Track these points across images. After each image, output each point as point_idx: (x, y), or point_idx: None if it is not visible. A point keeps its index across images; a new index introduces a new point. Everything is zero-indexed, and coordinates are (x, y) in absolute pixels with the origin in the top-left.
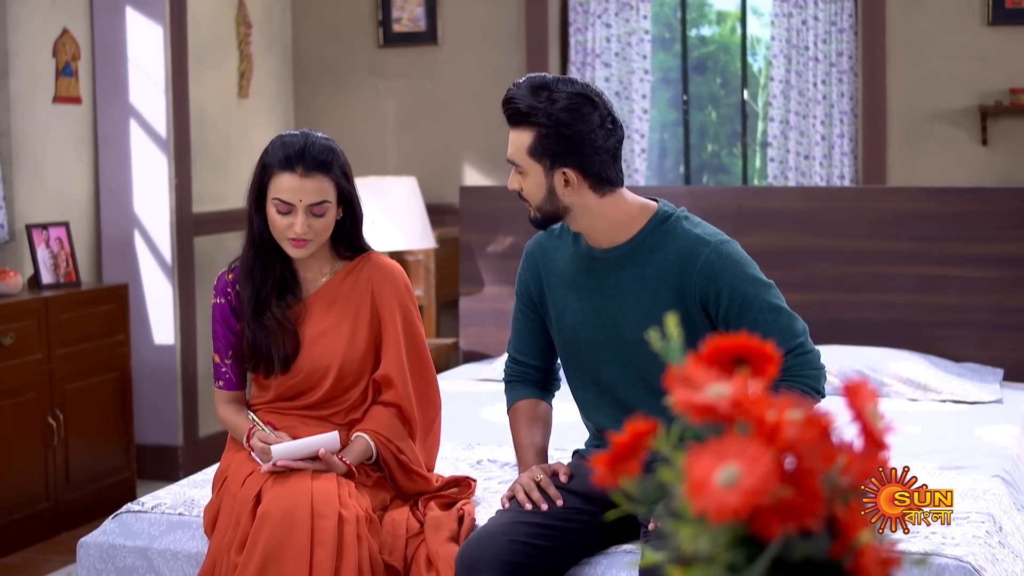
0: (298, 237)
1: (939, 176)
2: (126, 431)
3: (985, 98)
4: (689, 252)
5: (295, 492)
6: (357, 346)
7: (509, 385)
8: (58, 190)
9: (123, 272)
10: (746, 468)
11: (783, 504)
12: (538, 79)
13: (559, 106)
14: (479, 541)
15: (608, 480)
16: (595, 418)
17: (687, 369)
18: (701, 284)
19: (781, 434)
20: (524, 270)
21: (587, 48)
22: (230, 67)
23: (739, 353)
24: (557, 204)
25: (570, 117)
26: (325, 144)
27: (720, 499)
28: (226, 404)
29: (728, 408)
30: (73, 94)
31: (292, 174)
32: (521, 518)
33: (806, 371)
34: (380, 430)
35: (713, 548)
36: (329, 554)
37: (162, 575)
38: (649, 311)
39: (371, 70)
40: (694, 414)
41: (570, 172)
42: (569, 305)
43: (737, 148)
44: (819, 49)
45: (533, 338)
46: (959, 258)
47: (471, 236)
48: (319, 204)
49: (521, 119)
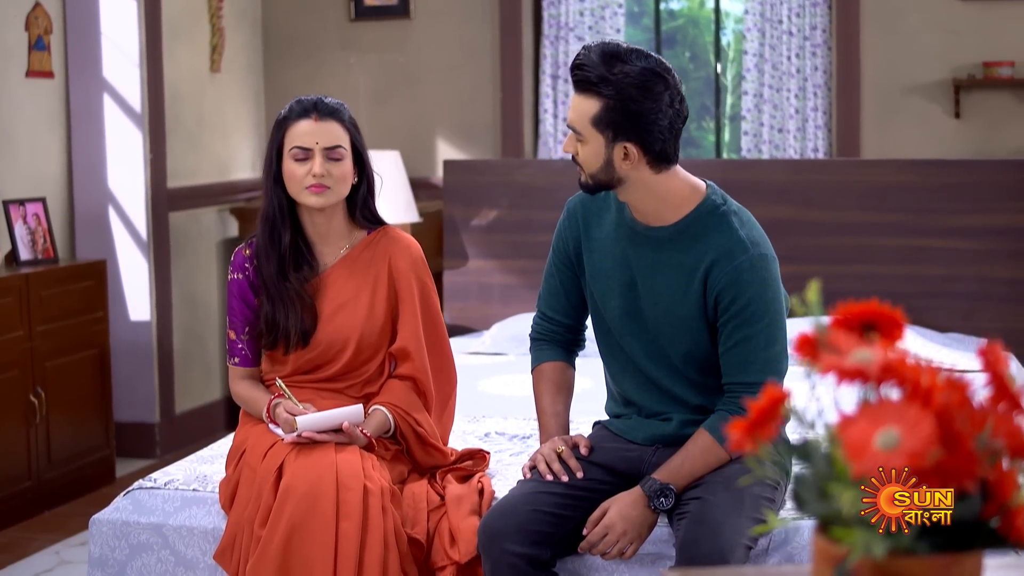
0: (317, 182)
1: (913, 149)
2: (105, 409)
3: (958, 71)
4: (728, 252)
5: (319, 464)
6: (375, 319)
7: (536, 343)
8: (31, 165)
9: (97, 248)
10: (906, 431)
11: (941, 466)
12: (611, 47)
13: (631, 80)
14: (502, 511)
15: (744, 445)
16: (621, 384)
17: (831, 335)
18: (724, 283)
19: (935, 398)
20: (565, 227)
21: (560, 21)
22: (202, 41)
23: (869, 319)
24: (612, 175)
25: (640, 93)
26: (338, 102)
27: (883, 462)
28: (241, 380)
29: (878, 372)
30: (46, 68)
31: (308, 120)
32: (543, 488)
33: None
34: (398, 403)
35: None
36: (355, 526)
37: (178, 551)
38: (679, 296)
39: (343, 44)
40: (841, 377)
41: (631, 147)
42: (604, 272)
43: (706, 122)
44: (793, 23)
45: (567, 295)
46: (943, 230)
47: (455, 210)
48: (335, 148)
49: (589, 87)
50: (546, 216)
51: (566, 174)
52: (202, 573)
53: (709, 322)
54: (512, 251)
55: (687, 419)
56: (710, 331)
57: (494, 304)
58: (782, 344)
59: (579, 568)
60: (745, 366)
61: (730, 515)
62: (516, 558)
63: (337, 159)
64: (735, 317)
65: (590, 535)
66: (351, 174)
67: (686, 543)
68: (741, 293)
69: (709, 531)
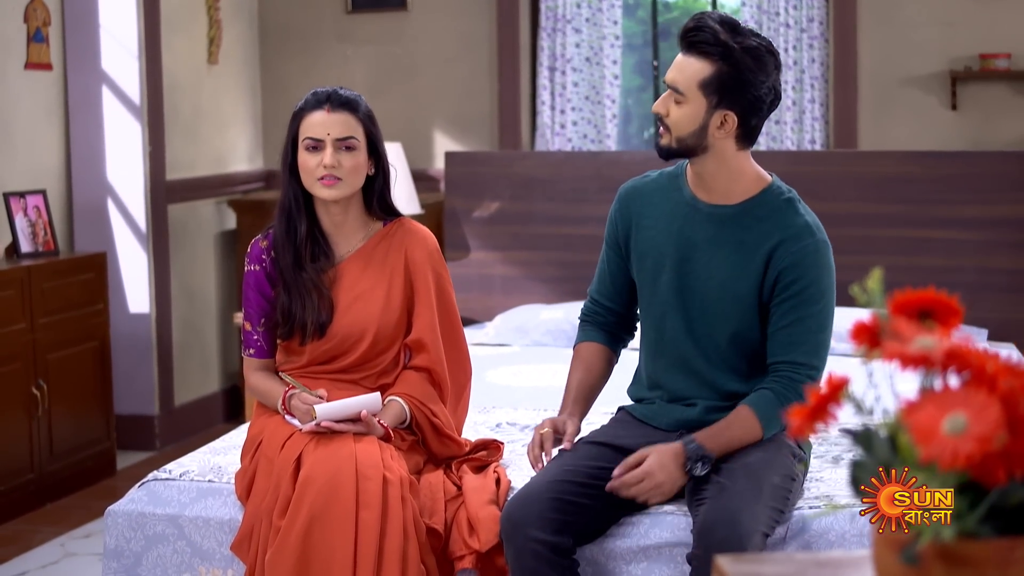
0: (328, 173)
1: (909, 141)
2: (105, 401)
3: (955, 63)
4: (795, 233)
5: (339, 455)
6: (391, 310)
7: (582, 324)
8: (30, 158)
9: (96, 240)
10: (973, 416)
11: (1007, 450)
12: (730, 17)
13: (749, 51)
14: (525, 498)
15: (804, 431)
16: (653, 364)
17: (893, 323)
18: (788, 262)
19: (1000, 383)
20: (616, 211)
21: (557, 14)
22: (200, 33)
23: (925, 307)
24: (701, 141)
25: (756, 64)
26: (354, 93)
27: (952, 446)
28: (256, 371)
29: (943, 358)
30: (44, 60)
31: (320, 111)
32: (566, 476)
33: (796, 388)
34: (413, 394)
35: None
36: (375, 516)
37: (193, 542)
38: (735, 274)
39: (339, 36)
40: (905, 364)
41: (731, 116)
42: (655, 248)
43: None
44: (790, 15)
45: (613, 281)
46: (943, 221)
47: (456, 201)
48: (347, 139)
49: (706, 48)
50: (548, 208)
51: (568, 166)
52: (218, 564)
53: (762, 303)
54: (514, 243)
55: (712, 406)
56: (760, 312)
57: (496, 295)
58: (830, 332)
59: (598, 556)
60: (796, 346)
61: (749, 503)
62: (539, 545)
63: (349, 150)
64: (793, 297)
65: (627, 476)
66: (365, 166)
67: (704, 529)
68: (803, 275)
69: (727, 517)
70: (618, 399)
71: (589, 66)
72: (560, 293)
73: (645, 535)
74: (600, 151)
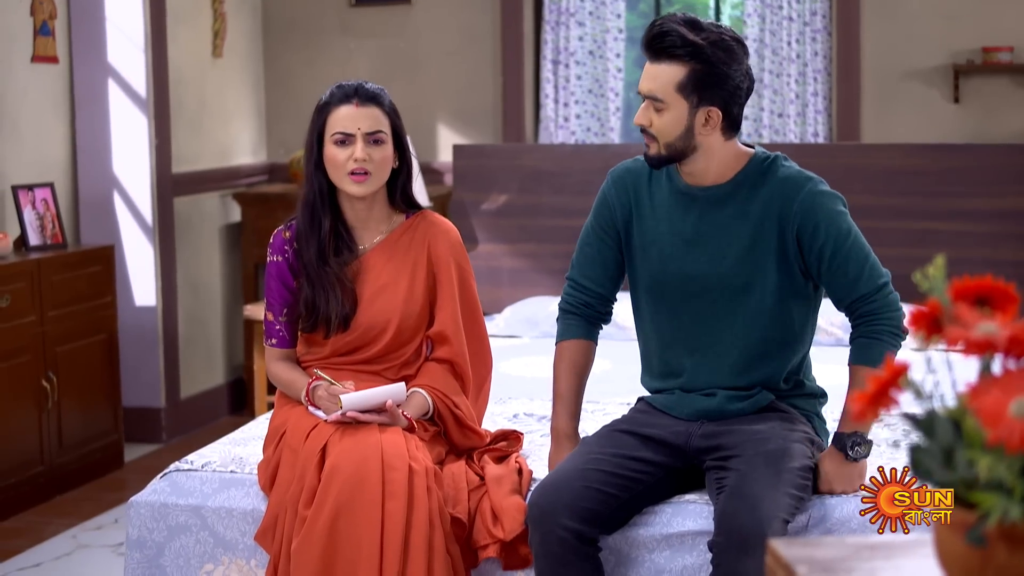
0: (359, 167)
1: (912, 134)
2: (114, 393)
3: (957, 56)
4: (793, 184)
5: (364, 445)
6: (414, 302)
7: (564, 316)
8: (37, 151)
9: (102, 233)
10: None
11: None
12: (690, 16)
13: (716, 45)
14: (554, 486)
15: (866, 416)
16: (664, 356)
17: (956, 309)
18: (801, 215)
19: None
20: (612, 194)
21: (561, 7)
22: (204, 26)
23: (983, 294)
24: (690, 142)
25: (726, 56)
26: (378, 86)
27: (1020, 428)
28: (279, 361)
29: (1007, 343)
30: (51, 53)
31: (349, 105)
32: (594, 465)
33: (893, 312)
34: (436, 385)
35: (1008, 475)
36: (401, 506)
37: (216, 532)
38: (750, 244)
39: (343, 29)
40: (969, 349)
41: (714, 111)
42: (660, 239)
43: None
44: (793, 8)
45: (603, 264)
46: (949, 213)
47: (464, 194)
48: (376, 133)
49: (675, 52)
50: (555, 200)
51: (575, 159)
52: (241, 554)
53: (789, 264)
54: (521, 235)
55: (731, 395)
56: (787, 276)
57: (504, 288)
58: (870, 249)
59: (620, 544)
60: (856, 283)
61: (769, 489)
62: (566, 533)
63: (378, 144)
64: (828, 244)
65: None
66: (392, 159)
67: (725, 515)
68: (822, 219)
69: (748, 504)
70: (635, 388)
71: (592, 59)
72: None
73: (667, 523)
74: (607, 144)
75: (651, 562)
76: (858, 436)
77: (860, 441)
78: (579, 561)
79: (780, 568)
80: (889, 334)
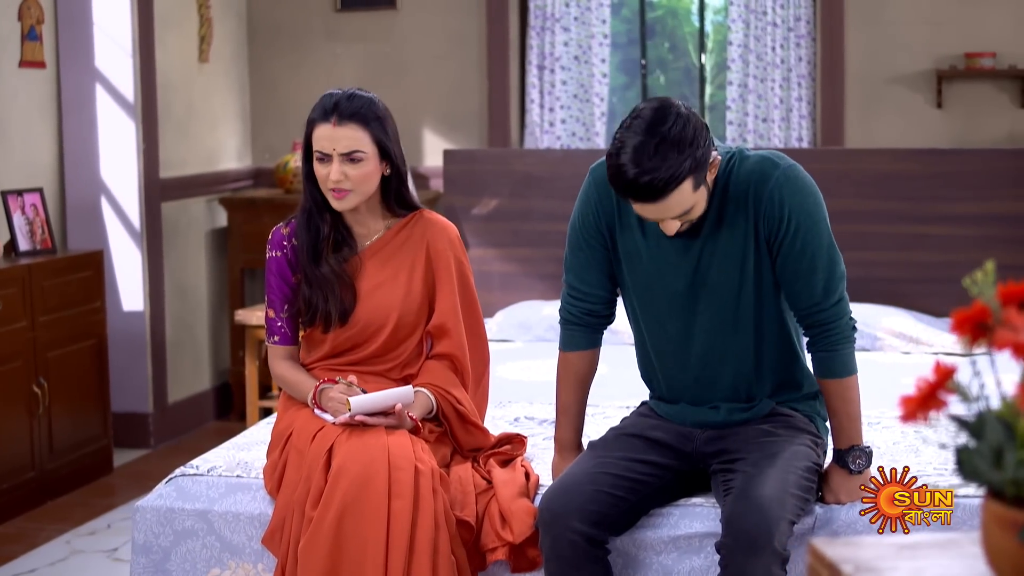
0: (335, 186)
1: (896, 138)
2: (103, 399)
3: (940, 62)
4: (760, 173)
5: (371, 446)
6: (412, 298)
7: (567, 326)
8: (24, 156)
9: (89, 238)
10: None
11: None
12: (642, 142)
13: (682, 149)
14: (565, 489)
15: (916, 418)
16: (666, 370)
17: (1006, 313)
18: (768, 208)
19: None
20: (594, 201)
21: (546, 12)
22: (191, 31)
23: None
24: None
25: (699, 152)
26: (365, 98)
27: None
28: (282, 360)
29: None
30: (38, 58)
31: (327, 124)
32: (601, 468)
33: (845, 319)
34: (437, 383)
35: None
36: (406, 506)
37: (223, 536)
38: (729, 249)
39: (328, 34)
40: (1018, 352)
41: (710, 175)
42: (641, 252)
43: None
44: (777, 14)
45: (599, 267)
46: (939, 217)
47: (455, 198)
48: (353, 153)
49: (663, 189)
50: (546, 205)
51: (565, 163)
52: (248, 558)
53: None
54: (512, 240)
55: (734, 407)
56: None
57: (495, 292)
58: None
59: (628, 546)
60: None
61: (776, 491)
62: (577, 536)
63: (356, 161)
64: (795, 242)
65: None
66: (375, 173)
67: (732, 517)
68: (791, 211)
69: (755, 506)
70: (633, 392)
71: (578, 64)
72: (559, 289)
73: (675, 526)
74: (599, 149)
75: (659, 564)
76: (857, 449)
77: (860, 454)
78: (589, 564)
79: (824, 567)
80: (843, 341)
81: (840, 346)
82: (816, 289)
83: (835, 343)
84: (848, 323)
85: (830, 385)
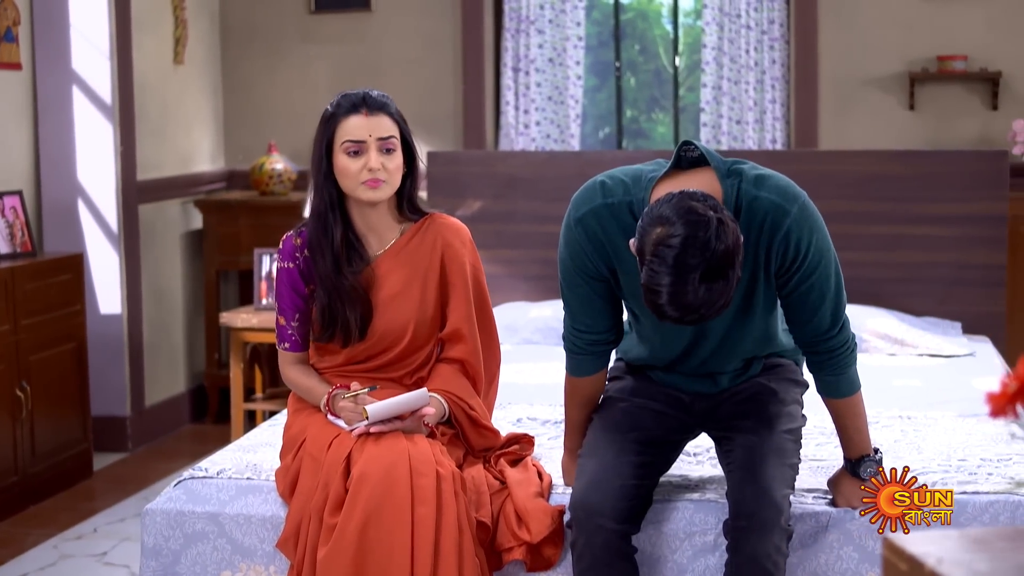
0: (373, 176)
1: (869, 140)
2: (83, 402)
3: (913, 65)
4: (777, 210)
5: (392, 452)
6: (428, 305)
7: (575, 356)
8: (0, 158)
9: (66, 241)
10: None
11: None
12: (684, 275)
13: (731, 276)
14: (595, 486)
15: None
16: (660, 359)
17: None
18: (782, 246)
19: None
20: (589, 252)
21: (521, 15)
22: (166, 33)
23: None
24: None
25: (734, 247)
26: (383, 94)
27: None
28: (293, 365)
29: None
30: (14, 60)
31: (358, 115)
32: (623, 456)
33: (849, 344)
34: (449, 388)
35: None
36: (430, 511)
37: (234, 539)
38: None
39: (303, 36)
40: None
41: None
42: None
43: (656, 114)
44: (751, 17)
45: (600, 306)
46: (917, 218)
47: (438, 201)
48: (388, 139)
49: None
50: (529, 207)
51: (549, 165)
52: (259, 560)
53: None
54: (496, 241)
55: (731, 375)
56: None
57: None
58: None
59: (643, 543)
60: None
61: (776, 467)
62: (610, 534)
63: (391, 150)
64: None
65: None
66: (401, 168)
67: (739, 502)
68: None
69: (761, 489)
70: None
71: (552, 67)
72: (543, 291)
73: (690, 520)
74: (582, 151)
75: (672, 562)
76: (867, 458)
77: (871, 463)
78: (619, 561)
79: (902, 561)
80: (850, 363)
81: (847, 368)
82: (824, 320)
83: (842, 367)
84: (852, 344)
85: (838, 404)
